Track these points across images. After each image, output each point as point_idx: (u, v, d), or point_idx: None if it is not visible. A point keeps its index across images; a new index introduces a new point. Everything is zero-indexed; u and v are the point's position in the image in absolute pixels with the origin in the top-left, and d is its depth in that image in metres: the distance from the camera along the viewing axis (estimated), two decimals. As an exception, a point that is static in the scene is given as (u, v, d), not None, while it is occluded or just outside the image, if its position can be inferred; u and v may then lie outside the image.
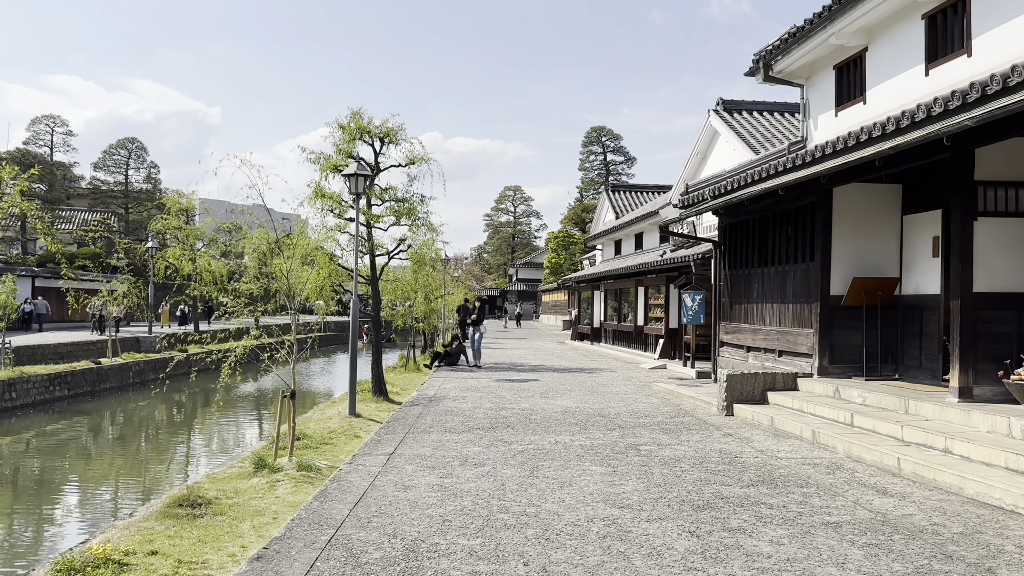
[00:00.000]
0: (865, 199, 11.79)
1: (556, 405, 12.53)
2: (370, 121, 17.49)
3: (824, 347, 11.61)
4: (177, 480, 13.82)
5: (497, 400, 13.13)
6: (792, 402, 10.82)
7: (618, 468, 7.64)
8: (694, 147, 22.64)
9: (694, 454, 8.43)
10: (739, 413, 11.27)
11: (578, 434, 9.69)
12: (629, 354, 24.29)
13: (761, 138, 19.31)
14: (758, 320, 13.66)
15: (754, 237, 13.94)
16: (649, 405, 12.64)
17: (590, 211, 69.69)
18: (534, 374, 18.43)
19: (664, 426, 10.39)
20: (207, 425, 20.72)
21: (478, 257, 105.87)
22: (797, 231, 12.49)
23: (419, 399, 13.50)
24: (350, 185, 14.73)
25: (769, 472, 7.54)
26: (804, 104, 14.66)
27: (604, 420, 10.90)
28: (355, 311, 14.85)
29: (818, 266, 11.70)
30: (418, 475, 7.30)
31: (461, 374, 18.54)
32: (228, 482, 8.93)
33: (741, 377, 11.49)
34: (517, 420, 10.82)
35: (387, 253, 18.35)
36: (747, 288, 14.16)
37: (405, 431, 9.93)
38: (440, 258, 22.83)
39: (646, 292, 23.92)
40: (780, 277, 12.93)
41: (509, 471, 7.46)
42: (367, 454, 8.42)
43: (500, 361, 22.64)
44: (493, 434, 9.61)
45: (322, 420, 13.92)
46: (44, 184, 52.71)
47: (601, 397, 13.73)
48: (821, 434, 9.05)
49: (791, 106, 21.72)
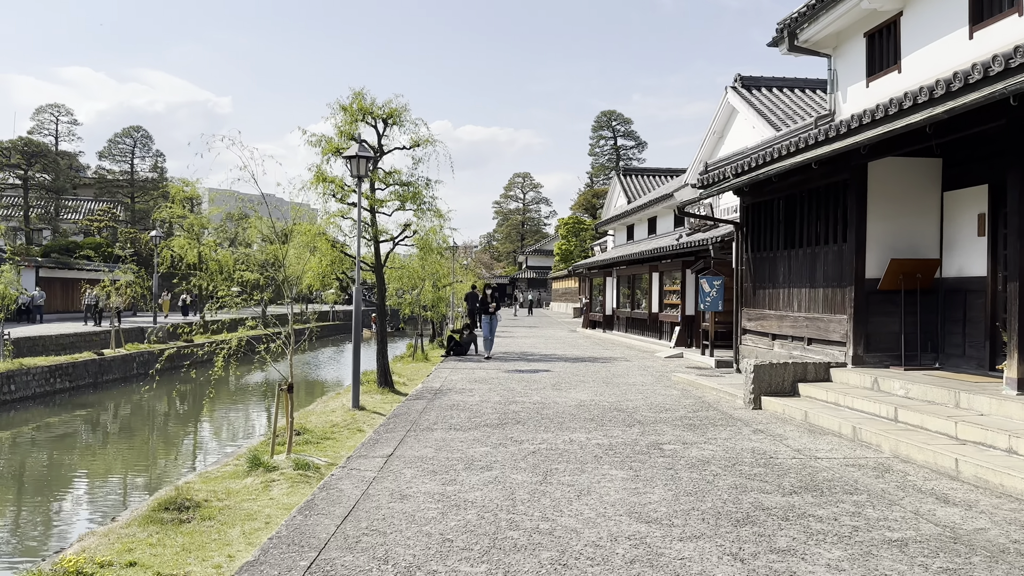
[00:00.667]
0: (902, 175, 10.90)
1: (569, 398, 11.73)
2: (373, 102, 16.71)
3: (859, 334, 10.76)
4: (171, 477, 13.14)
5: (506, 393, 12.35)
6: (826, 394, 9.98)
7: (641, 472, 6.84)
8: (710, 126, 21.69)
9: (724, 455, 7.62)
10: (768, 406, 10.45)
11: (594, 431, 8.89)
12: (644, 342, 23.46)
13: (782, 115, 18.37)
14: (785, 306, 12.81)
15: (780, 218, 13.07)
16: (669, 397, 11.83)
17: (601, 196, 68.72)
18: (545, 364, 17.64)
19: (687, 421, 9.58)
20: (208, 418, 20.05)
21: (487, 245, 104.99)
22: (828, 210, 11.61)
23: (424, 392, 12.73)
24: (352, 167, 14.01)
25: (811, 476, 6.73)
26: (832, 75, 13.74)
27: (622, 415, 10.10)
28: (358, 299, 14.16)
29: (852, 247, 10.83)
30: (417, 481, 6.53)
31: (469, 364, 17.77)
32: (220, 482, 8.29)
33: (769, 367, 10.65)
34: (528, 415, 10.04)
35: (392, 239, 17.57)
36: (772, 272, 13.29)
37: (407, 428, 9.16)
38: (448, 245, 22.08)
39: (661, 278, 23.06)
40: (809, 260, 12.06)
41: (519, 476, 6.68)
42: (363, 456, 7.65)
43: (510, 351, 21.86)
44: (502, 432, 8.83)
45: (325, 413, 13.26)
46: (50, 174, 52.05)
47: (617, 389, 12.92)
48: (863, 430, 8.23)
49: (812, 82, 20.76)
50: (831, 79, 13.75)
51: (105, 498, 12.28)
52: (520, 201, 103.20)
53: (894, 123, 8.22)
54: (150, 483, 12.88)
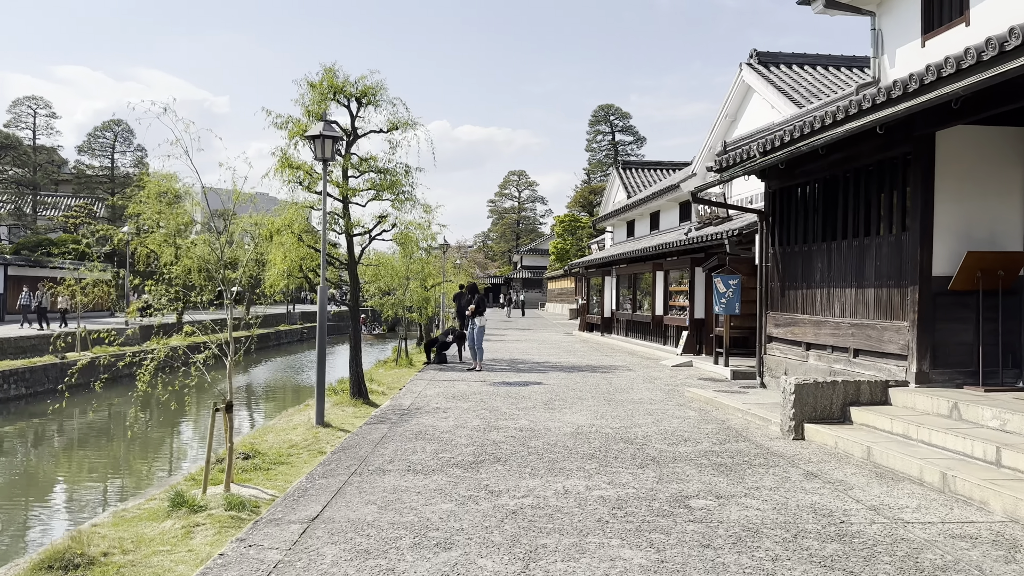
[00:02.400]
0: (977, 147, 8.80)
1: (564, 422, 9.60)
2: (346, 80, 14.61)
3: (924, 346, 8.64)
4: (85, 514, 10.99)
5: (488, 415, 10.21)
6: (890, 423, 7.86)
7: (666, 553, 4.71)
8: (722, 108, 19.56)
9: (776, 517, 5.50)
10: (813, 437, 8.33)
11: (597, 475, 6.76)
12: (646, 348, 21.32)
13: (806, 92, 16.27)
14: (823, 310, 10.69)
15: (816, 204, 10.96)
16: (686, 421, 9.70)
17: (598, 193, 66.61)
18: (537, 375, 15.50)
19: (716, 459, 7.45)
20: (162, 434, 17.87)
21: (482, 244, 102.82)
22: (881, 193, 9.51)
23: (388, 412, 10.59)
24: (316, 149, 12.02)
25: (911, 557, 4.62)
26: (876, 37, 11.63)
27: (630, 448, 7.97)
28: (323, 299, 12.20)
29: (915, 237, 8.72)
30: (338, 573, 4.40)
31: (450, 375, 15.62)
32: (134, 525, 6.46)
33: (814, 387, 8.53)
34: (511, 449, 7.90)
35: (367, 232, 15.43)
36: (806, 269, 11.18)
37: (351, 470, 7.01)
38: (435, 242, 20.02)
39: (666, 277, 20.92)
40: (856, 254, 9.94)
41: (490, 562, 4.55)
42: (273, 522, 5.49)
43: (499, 357, 19.71)
44: (475, 476, 6.69)
45: (285, 430, 11.30)
46: (22, 168, 49.77)
47: (621, 408, 10.79)
48: (956, 479, 6.11)
49: (836, 59, 18.69)
50: (875, 41, 11.64)
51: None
52: (515, 200, 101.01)
53: (1002, 65, 6.08)
54: (51, 524, 10.73)
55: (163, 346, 8.54)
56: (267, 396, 26.01)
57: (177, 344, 8.99)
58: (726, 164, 11.84)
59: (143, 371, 8.08)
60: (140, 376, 8.10)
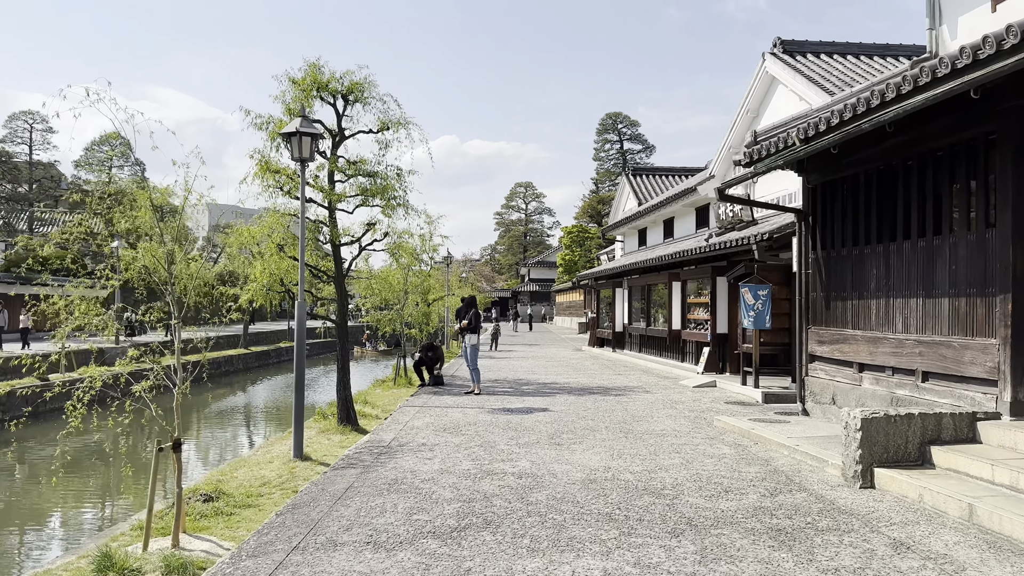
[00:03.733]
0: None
1: (573, 464, 7.91)
2: (331, 75, 13.12)
3: (1021, 368, 6.94)
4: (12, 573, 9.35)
5: (482, 453, 8.53)
6: (991, 470, 6.15)
7: None
8: (744, 104, 17.89)
9: (880, 629, 3.81)
10: (887, 485, 6.62)
11: (617, 550, 5.07)
12: (663, 365, 19.60)
13: (838, 81, 14.63)
14: (879, 324, 8.99)
15: (869, 199, 9.28)
16: (721, 462, 7.98)
17: (606, 203, 65.07)
18: (543, 399, 13.80)
19: (769, 520, 5.75)
20: (136, 465, 16.20)
21: (489, 257, 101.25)
22: (955, 182, 7.84)
23: (363, 452, 8.92)
24: (292, 148, 10.58)
25: None
26: (931, 5, 9.98)
27: (658, 504, 6.27)
28: (301, 316, 10.77)
29: (1005, 234, 7.04)
30: None
31: (445, 400, 13.96)
32: None
33: (885, 422, 6.82)
34: (506, 506, 6.22)
35: (357, 241, 13.85)
36: (858, 276, 9.49)
37: (292, 543, 5.34)
38: (436, 254, 18.47)
39: (683, 288, 19.21)
40: (923, 257, 8.25)
41: None
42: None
43: (501, 377, 18.01)
44: (455, 551, 5.02)
45: (260, 464, 9.82)
46: (13, 183, 48.57)
47: (641, 444, 9.09)
48: (1116, 560, 4.41)
49: (867, 47, 17.05)
50: (930, 11, 9.99)
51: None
52: (522, 212, 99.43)
53: None
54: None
55: (98, 375, 7.13)
56: (256, 418, 24.38)
57: (119, 371, 7.47)
58: (757, 156, 10.18)
59: (73, 404, 6.73)
60: (70, 411, 6.77)
